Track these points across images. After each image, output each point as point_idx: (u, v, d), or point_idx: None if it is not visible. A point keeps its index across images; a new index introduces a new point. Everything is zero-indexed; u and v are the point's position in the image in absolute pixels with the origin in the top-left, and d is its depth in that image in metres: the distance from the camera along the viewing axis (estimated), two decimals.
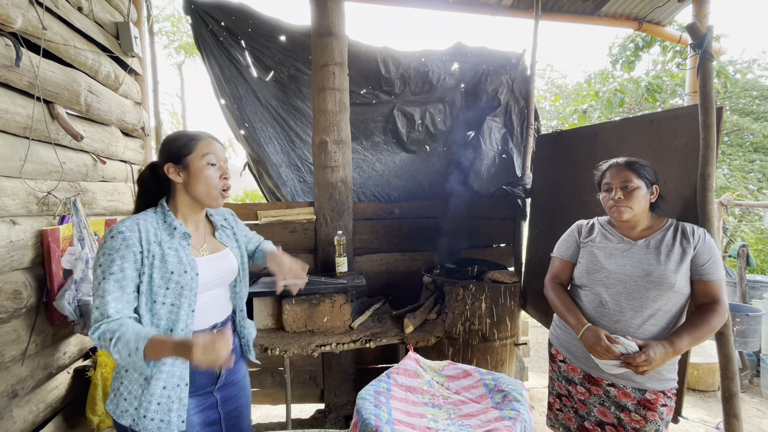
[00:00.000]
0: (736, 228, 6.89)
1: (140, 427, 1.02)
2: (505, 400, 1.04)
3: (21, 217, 1.55)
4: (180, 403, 1.06)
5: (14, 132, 1.52)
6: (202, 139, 1.13)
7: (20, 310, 1.51)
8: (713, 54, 1.50)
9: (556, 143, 2.44)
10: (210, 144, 1.13)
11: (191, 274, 1.08)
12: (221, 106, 2.74)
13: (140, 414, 1.02)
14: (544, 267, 1.68)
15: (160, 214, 1.11)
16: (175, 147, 1.11)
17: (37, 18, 1.58)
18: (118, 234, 1.00)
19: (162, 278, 1.04)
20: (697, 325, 1.25)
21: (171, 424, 1.04)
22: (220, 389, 1.18)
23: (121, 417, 1.02)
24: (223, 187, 1.14)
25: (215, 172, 1.13)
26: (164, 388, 1.04)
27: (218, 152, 1.14)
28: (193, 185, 1.11)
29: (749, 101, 8.60)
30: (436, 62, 3.01)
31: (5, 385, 1.46)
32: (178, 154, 1.10)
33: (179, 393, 1.06)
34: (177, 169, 1.10)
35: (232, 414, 1.21)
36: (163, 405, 1.03)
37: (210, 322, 1.16)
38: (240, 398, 1.25)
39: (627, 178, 1.33)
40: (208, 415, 1.14)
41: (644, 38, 5.44)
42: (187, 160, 1.10)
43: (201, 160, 1.10)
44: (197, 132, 1.16)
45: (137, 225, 1.04)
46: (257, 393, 2.65)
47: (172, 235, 1.09)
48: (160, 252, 1.05)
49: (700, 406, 2.95)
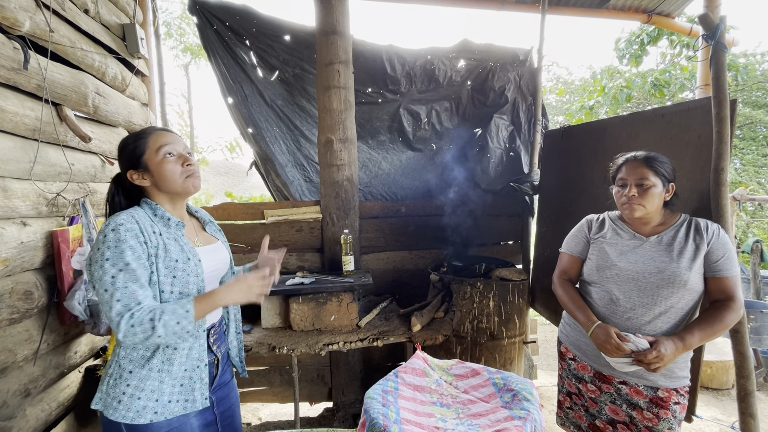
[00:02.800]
0: (749, 225, 6.76)
1: (165, 414, 1.03)
2: (515, 400, 1.03)
3: (31, 219, 1.56)
4: (201, 382, 1.09)
5: (23, 134, 1.53)
6: (150, 135, 1.09)
7: (32, 310, 1.53)
8: (726, 45, 1.46)
9: (564, 139, 2.41)
10: (159, 137, 1.09)
11: (194, 260, 1.09)
12: (228, 105, 2.75)
13: (163, 401, 1.03)
14: (552, 264, 1.65)
15: (147, 209, 1.09)
16: (128, 152, 1.08)
17: (45, 21, 1.59)
18: (119, 226, 0.98)
19: (167, 268, 1.03)
20: (710, 322, 1.22)
21: (196, 402, 1.08)
22: (215, 391, 1.20)
23: (138, 417, 1.01)
24: (187, 174, 1.10)
25: (175, 162, 1.09)
26: (185, 371, 1.07)
27: (172, 141, 1.10)
28: (161, 183, 1.09)
29: (762, 94, 8.42)
30: (442, 60, 2.99)
31: (18, 384, 1.48)
32: (133, 158, 1.08)
33: (200, 373, 1.09)
34: (140, 174, 1.08)
35: (226, 414, 1.24)
36: (186, 386, 1.07)
37: (208, 322, 1.16)
38: (231, 398, 1.28)
39: (643, 175, 1.29)
40: (206, 417, 1.15)
41: (651, 33, 5.36)
42: (144, 161, 1.07)
43: (156, 155, 1.07)
44: (142, 130, 1.12)
45: (133, 216, 1.02)
46: (265, 391, 2.67)
47: (167, 225, 1.09)
48: (162, 242, 1.04)
49: (713, 405, 2.90)
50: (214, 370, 1.19)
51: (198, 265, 1.09)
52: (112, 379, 1.04)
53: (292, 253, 2.60)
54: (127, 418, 1.01)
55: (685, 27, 3.69)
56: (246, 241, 2.56)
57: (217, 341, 1.20)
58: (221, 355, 1.22)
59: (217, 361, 1.20)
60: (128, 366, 1.03)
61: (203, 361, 1.10)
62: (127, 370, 1.03)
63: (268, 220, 2.53)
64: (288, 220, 2.54)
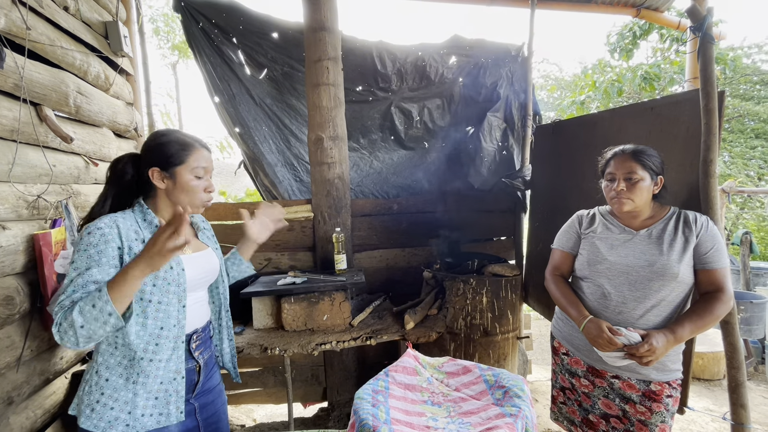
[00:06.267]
0: (738, 216, 6.85)
1: (138, 428, 1.00)
2: (506, 397, 1.01)
3: (10, 222, 1.52)
4: (177, 395, 1.06)
5: (0, 135, 1.49)
6: (194, 151, 1.09)
7: (13, 316, 1.49)
8: (714, 37, 1.46)
9: (555, 134, 2.41)
10: (201, 156, 1.10)
11: (177, 269, 1.06)
12: (215, 104, 2.71)
13: (136, 415, 1.00)
14: (545, 259, 1.65)
15: (138, 213, 1.08)
16: (164, 153, 1.07)
17: (21, 18, 1.54)
18: (96, 230, 0.97)
19: None
20: (700, 314, 1.23)
21: (170, 415, 1.05)
22: (198, 396, 1.17)
23: (109, 428, 0.98)
24: (206, 201, 1.13)
25: (201, 185, 1.10)
26: (161, 383, 1.04)
27: (206, 164, 1.12)
28: (176, 195, 1.09)
29: (750, 87, 8.52)
30: (433, 56, 2.96)
31: (0, 392, 1.44)
32: (167, 162, 1.07)
33: (176, 386, 1.06)
34: (162, 176, 1.07)
35: (210, 420, 1.20)
36: (161, 399, 1.04)
37: (191, 327, 1.14)
38: (217, 404, 1.25)
39: (631, 169, 1.29)
40: (186, 424, 1.12)
41: (642, 26, 5.38)
42: (175, 171, 1.07)
43: (190, 172, 1.08)
44: (188, 140, 1.11)
45: (115, 222, 1.00)
46: (259, 393, 2.64)
47: (153, 231, 1.06)
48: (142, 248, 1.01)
49: (705, 396, 2.93)
50: (195, 377, 1.16)
51: (180, 274, 1.07)
52: (88, 385, 1.02)
53: (284, 252, 2.57)
54: (99, 428, 0.98)
55: (674, 21, 3.70)
56: (235, 241, 2.48)
57: (200, 347, 1.17)
58: (204, 362, 1.19)
59: (198, 367, 1.17)
60: (105, 373, 1.00)
61: (180, 374, 1.07)
62: (104, 377, 1.00)
63: None
64: None
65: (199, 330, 1.18)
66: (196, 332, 1.16)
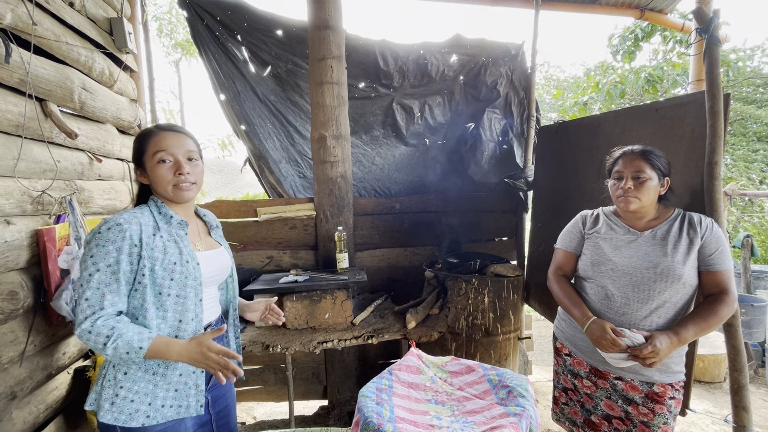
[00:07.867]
0: (739, 219, 6.84)
1: (158, 418, 1.02)
2: (510, 396, 1.02)
3: (15, 217, 1.52)
4: (197, 389, 1.08)
5: (6, 130, 1.49)
6: (153, 136, 1.06)
7: (17, 311, 1.49)
8: (720, 39, 1.46)
9: (558, 135, 2.40)
10: (160, 140, 1.05)
11: (192, 263, 1.08)
12: (220, 101, 2.71)
13: (156, 406, 1.02)
14: (547, 260, 1.65)
15: (153, 207, 1.10)
16: (135, 151, 1.09)
17: (27, 13, 1.54)
18: (115, 225, 0.98)
19: (165, 269, 1.03)
20: (704, 316, 1.23)
21: (190, 407, 1.07)
22: (210, 390, 1.18)
23: (130, 420, 0.99)
24: (175, 183, 1.06)
25: (168, 168, 1.05)
26: (180, 376, 1.06)
27: (171, 147, 1.05)
28: (153, 186, 1.09)
29: (753, 90, 8.51)
30: (435, 54, 2.98)
31: (3, 387, 1.44)
32: (137, 158, 1.08)
33: (195, 380, 1.08)
34: (140, 172, 1.09)
35: (221, 414, 1.22)
36: (181, 391, 1.06)
37: (206, 321, 1.16)
38: (228, 398, 1.27)
39: (640, 168, 1.29)
40: (200, 417, 1.14)
41: (644, 28, 5.37)
42: (143, 162, 1.07)
43: (152, 159, 1.05)
44: (151, 128, 1.10)
45: (136, 218, 1.02)
46: (260, 390, 2.64)
47: (169, 223, 1.08)
48: (161, 243, 1.03)
49: (706, 398, 2.93)
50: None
51: (196, 269, 1.08)
52: (105, 380, 1.03)
53: (286, 250, 2.58)
54: (120, 420, 0.99)
55: (678, 23, 3.70)
56: (239, 239, 2.53)
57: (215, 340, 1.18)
58: None
59: None
60: (122, 367, 1.02)
61: (200, 368, 1.08)
62: (122, 371, 1.02)
63: (261, 217, 2.50)
64: (281, 217, 2.51)
65: (213, 324, 1.20)
66: (210, 325, 1.18)
